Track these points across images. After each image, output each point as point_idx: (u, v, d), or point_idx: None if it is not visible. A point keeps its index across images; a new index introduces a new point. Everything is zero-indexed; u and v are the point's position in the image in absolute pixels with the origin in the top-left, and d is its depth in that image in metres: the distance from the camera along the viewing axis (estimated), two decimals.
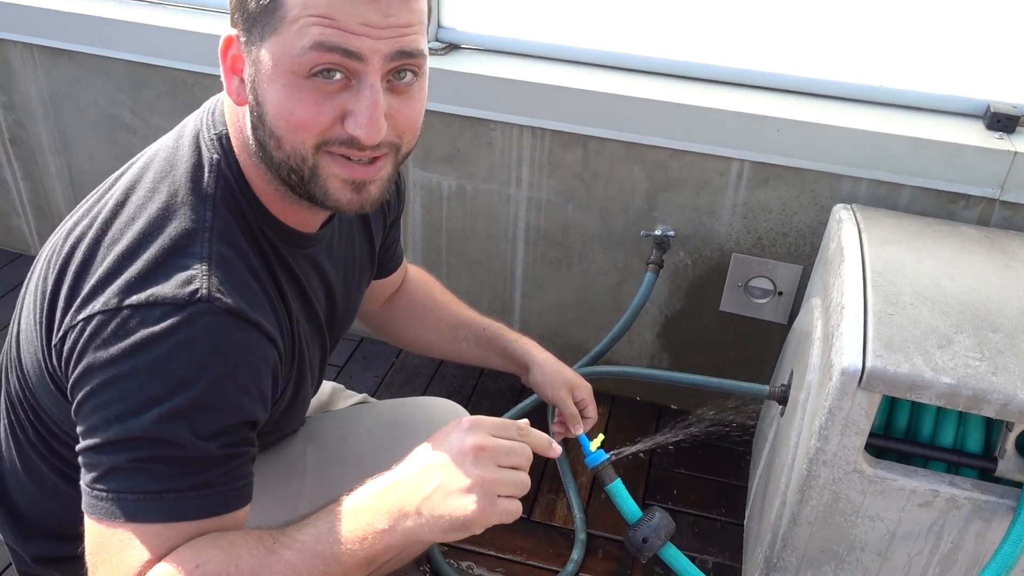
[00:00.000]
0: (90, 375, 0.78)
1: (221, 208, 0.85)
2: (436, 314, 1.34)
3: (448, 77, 1.69)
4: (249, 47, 0.79)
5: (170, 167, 0.87)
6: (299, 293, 0.95)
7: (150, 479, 0.78)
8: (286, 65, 0.77)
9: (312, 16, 0.75)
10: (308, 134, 0.80)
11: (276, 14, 0.76)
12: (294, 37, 0.76)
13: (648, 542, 1.20)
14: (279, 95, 0.78)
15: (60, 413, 0.89)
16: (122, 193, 0.86)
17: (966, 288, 1.23)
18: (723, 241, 1.72)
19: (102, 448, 0.78)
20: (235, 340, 0.80)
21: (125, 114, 1.99)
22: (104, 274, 0.80)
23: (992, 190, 1.49)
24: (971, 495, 1.13)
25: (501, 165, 1.78)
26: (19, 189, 2.25)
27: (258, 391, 0.83)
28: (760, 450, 1.63)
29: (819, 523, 1.21)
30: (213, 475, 0.80)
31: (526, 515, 1.68)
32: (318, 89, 0.78)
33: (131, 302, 0.78)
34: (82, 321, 0.79)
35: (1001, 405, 1.06)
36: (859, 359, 1.09)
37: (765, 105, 1.58)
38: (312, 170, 0.82)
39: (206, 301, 0.78)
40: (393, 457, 1.17)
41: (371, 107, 0.78)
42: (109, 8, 1.91)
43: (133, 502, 0.77)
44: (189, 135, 0.89)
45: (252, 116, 0.82)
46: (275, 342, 0.85)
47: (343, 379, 2.00)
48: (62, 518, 1.00)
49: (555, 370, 1.28)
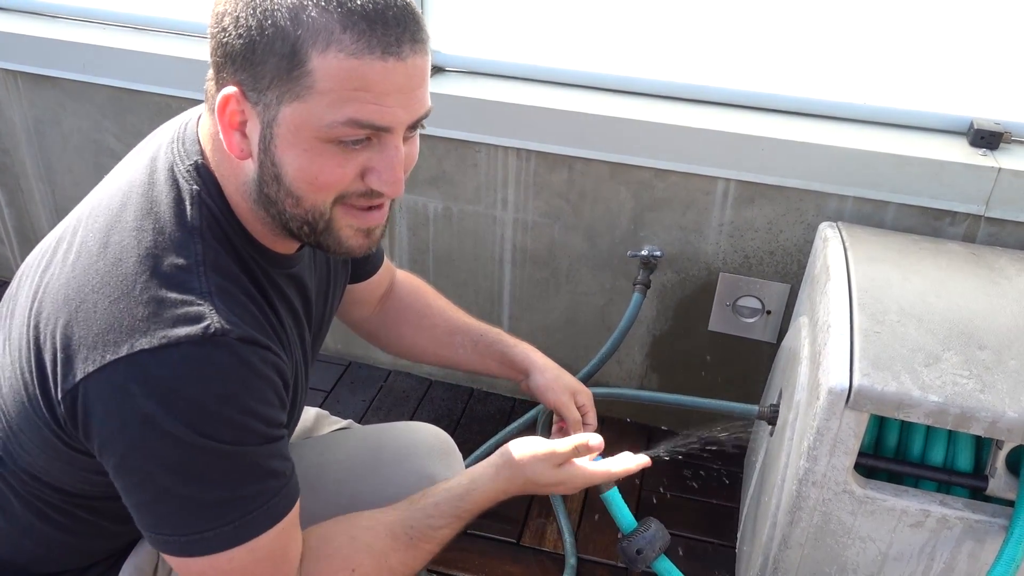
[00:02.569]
0: (124, 430, 0.77)
1: (209, 239, 0.84)
2: (431, 320, 1.32)
3: (433, 99, 1.67)
4: (259, 107, 0.78)
5: (150, 204, 0.85)
6: (289, 311, 0.95)
7: (233, 506, 0.81)
8: (311, 132, 0.77)
9: (347, 91, 0.76)
10: (330, 193, 0.81)
11: (301, 82, 0.76)
12: (324, 109, 0.76)
13: (642, 554, 1.18)
14: (300, 159, 0.79)
15: (46, 461, 0.87)
16: (101, 234, 0.84)
17: (952, 305, 1.23)
18: (710, 260, 1.71)
19: (168, 498, 0.79)
20: (257, 365, 0.81)
21: (109, 140, 1.99)
22: (103, 321, 0.78)
23: (977, 206, 1.49)
24: (962, 514, 1.12)
25: (487, 187, 1.77)
26: (3, 215, 2.23)
27: (281, 402, 0.86)
28: (751, 471, 1.62)
29: (810, 545, 1.20)
30: (280, 471, 0.85)
31: (515, 540, 1.66)
32: (341, 152, 0.79)
33: (143, 347, 0.76)
34: (92, 374, 0.77)
35: (990, 423, 1.05)
36: (846, 378, 1.08)
37: (749, 124, 1.58)
38: (327, 223, 0.84)
39: (221, 334, 0.78)
40: (374, 483, 1.16)
41: (396, 166, 0.81)
42: (93, 34, 1.91)
43: (234, 529, 0.81)
44: (163, 168, 0.87)
45: (263, 174, 0.82)
46: (283, 359, 0.87)
47: (330, 403, 1.98)
48: (36, 555, 0.98)
49: (556, 375, 1.27)
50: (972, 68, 1.52)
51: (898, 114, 1.58)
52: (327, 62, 0.75)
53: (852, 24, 1.55)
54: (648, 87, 1.69)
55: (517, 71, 1.76)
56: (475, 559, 1.61)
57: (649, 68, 1.68)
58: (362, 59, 0.75)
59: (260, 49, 0.76)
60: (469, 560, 1.60)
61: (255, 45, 0.76)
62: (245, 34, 0.76)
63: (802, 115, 1.62)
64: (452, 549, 1.47)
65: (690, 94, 1.68)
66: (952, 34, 1.50)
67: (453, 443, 1.27)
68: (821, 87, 1.60)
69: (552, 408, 1.27)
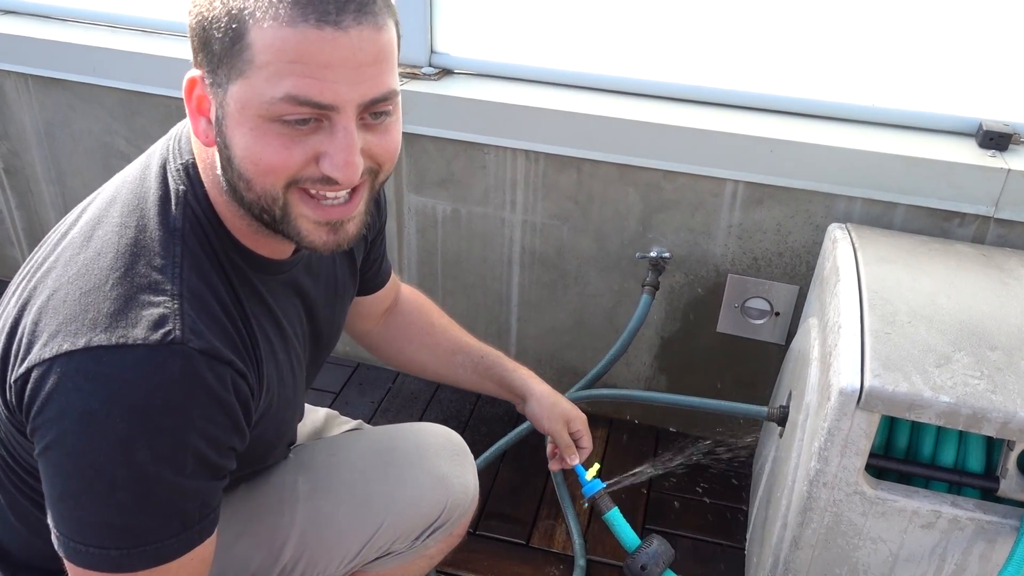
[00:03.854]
0: (60, 420, 0.75)
1: (190, 241, 0.83)
2: (434, 338, 1.33)
3: (442, 102, 1.69)
4: (215, 88, 0.77)
5: (137, 200, 0.84)
6: (273, 324, 0.93)
7: (130, 534, 0.77)
8: (253, 109, 0.74)
9: (282, 63, 0.72)
10: (277, 177, 0.77)
11: (242, 56, 0.73)
12: (263, 84, 0.73)
13: (647, 569, 1.19)
14: (246, 139, 0.76)
15: (24, 452, 0.87)
16: (88, 227, 0.84)
17: (963, 306, 1.23)
18: (718, 262, 1.71)
19: (78, 501, 0.76)
20: (210, 381, 0.78)
21: (119, 142, 1.99)
22: (69, 311, 0.77)
23: (986, 208, 1.48)
24: (974, 515, 1.12)
25: (495, 189, 1.78)
26: (13, 218, 2.24)
27: (233, 424, 0.82)
28: (760, 473, 1.62)
29: (821, 546, 1.20)
30: (191, 512, 0.80)
31: (524, 541, 1.66)
32: (287, 133, 0.75)
33: (101, 342, 0.75)
34: (47, 360, 0.76)
35: (1001, 424, 1.05)
36: (857, 379, 1.08)
37: (758, 126, 1.58)
38: (283, 210, 0.80)
39: (179, 343, 0.76)
40: (386, 484, 1.16)
41: (346, 149, 0.76)
42: (103, 37, 1.92)
43: (117, 557, 0.77)
44: (156, 165, 0.87)
45: (221, 158, 0.80)
46: (246, 377, 0.84)
47: (339, 405, 1.98)
48: (47, 553, 0.98)
49: (552, 402, 1.28)
50: (981, 69, 1.52)
51: (907, 116, 1.58)
52: (263, 33, 0.72)
53: (861, 26, 1.55)
54: (657, 89, 1.69)
55: (526, 73, 1.76)
56: (484, 560, 1.61)
57: (658, 70, 1.69)
58: (296, 28, 0.71)
59: (209, 27, 0.75)
60: (478, 561, 1.60)
61: (205, 23, 0.75)
62: (198, 14, 0.76)
63: (811, 117, 1.62)
64: (461, 550, 1.48)
65: (698, 96, 1.68)
66: (961, 36, 1.50)
67: (464, 444, 1.27)
68: (830, 89, 1.60)
69: (545, 434, 1.29)
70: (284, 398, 0.97)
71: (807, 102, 1.62)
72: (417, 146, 1.77)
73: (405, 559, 1.20)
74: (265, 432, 0.95)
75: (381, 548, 1.16)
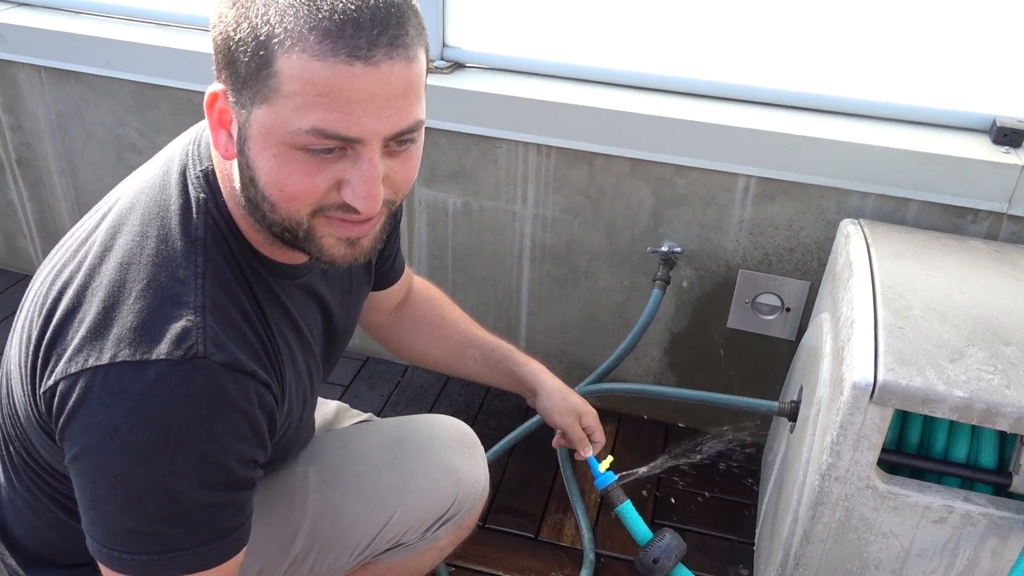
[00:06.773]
0: (86, 433, 0.76)
1: (212, 251, 0.83)
2: (444, 331, 1.33)
3: (453, 95, 1.69)
4: (238, 107, 0.76)
5: (157, 208, 0.84)
6: (292, 328, 0.93)
7: (160, 542, 0.79)
8: (278, 137, 0.74)
9: (310, 95, 0.71)
10: (302, 203, 0.77)
11: (268, 84, 0.72)
12: (290, 114, 0.72)
13: (659, 563, 1.19)
14: (270, 164, 0.75)
15: (50, 456, 0.88)
16: (108, 235, 0.83)
17: (976, 301, 1.22)
18: (730, 257, 1.71)
19: (106, 509, 0.78)
20: (233, 395, 0.78)
21: (132, 135, 2.00)
22: (94, 324, 0.78)
23: (1000, 204, 1.48)
24: (986, 511, 1.11)
25: (507, 182, 1.78)
26: (25, 210, 2.25)
27: (257, 437, 0.83)
28: (770, 467, 1.62)
29: (832, 541, 1.20)
30: (223, 524, 0.81)
31: (533, 535, 1.66)
32: (312, 161, 0.75)
33: (125, 358, 0.76)
34: (73, 375, 0.77)
35: (1015, 419, 1.05)
36: (871, 373, 1.08)
37: (770, 121, 1.58)
38: (307, 232, 0.80)
39: (202, 357, 0.76)
40: (396, 475, 1.16)
41: (370, 180, 0.76)
42: (116, 29, 1.93)
43: (147, 562, 0.79)
44: (176, 171, 0.86)
45: (242, 175, 0.79)
46: (270, 387, 0.84)
47: (348, 398, 1.99)
48: (62, 548, 0.99)
49: (562, 397, 1.28)
50: (995, 66, 1.51)
51: (920, 111, 1.58)
52: (291, 64, 0.70)
53: (874, 21, 1.54)
54: (669, 84, 1.69)
55: (538, 67, 1.76)
56: (493, 553, 1.61)
57: (670, 65, 1.68)
58: (325, 62, 0.70)
59: (235, 47, 0.73)
60: (487, 554, 1.60)
61: (231, 43, 0.74)
62: (224, 31, 0.74)
63: (823, 112, 1.62)
64: (471, 543, 1.48)
65: (711, 91, 1.67)
66: (975, 32, 1.50)
67: (475, 436, 1.28)
68: (843, 84, 1.60)
69: (556, 428, 1.30)
70: (302, 399, 0.98)
71: (820, 97, 1.62)
72: (429, 140, 1.77)
73: (415, 551, 1.21)
74: (284, 434, 0.95)
75: (392, 540, 1.16)
